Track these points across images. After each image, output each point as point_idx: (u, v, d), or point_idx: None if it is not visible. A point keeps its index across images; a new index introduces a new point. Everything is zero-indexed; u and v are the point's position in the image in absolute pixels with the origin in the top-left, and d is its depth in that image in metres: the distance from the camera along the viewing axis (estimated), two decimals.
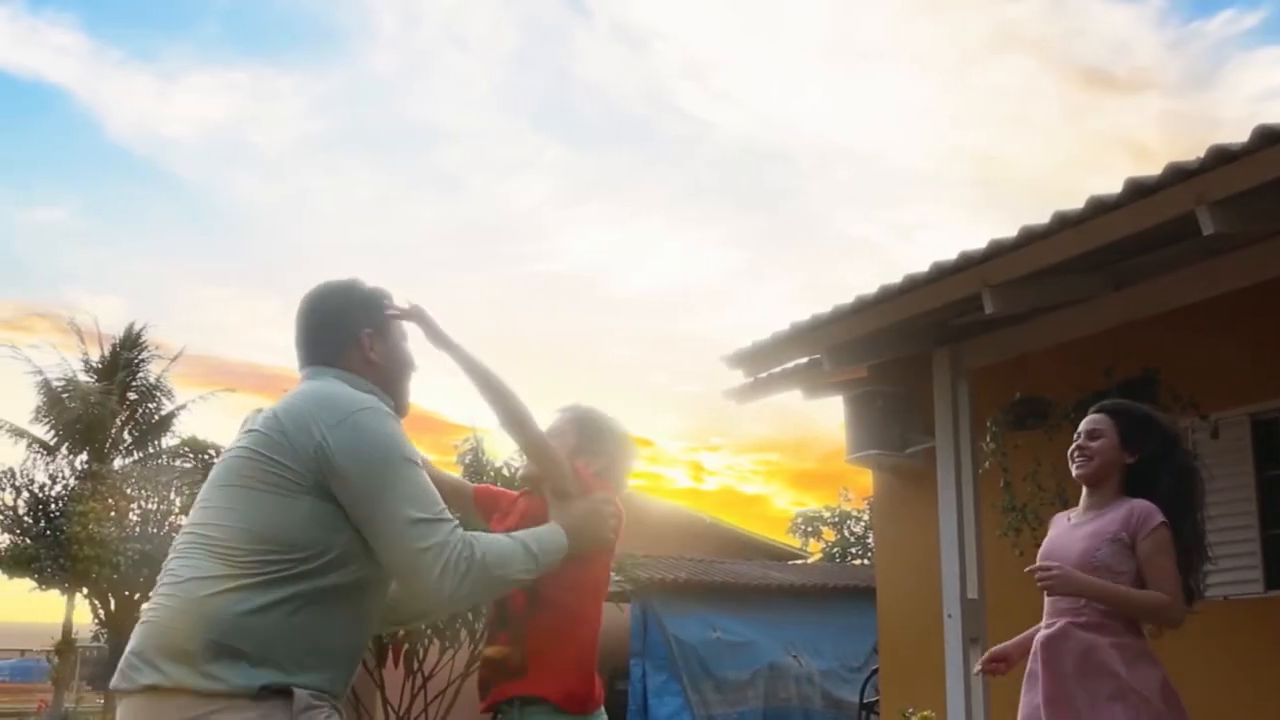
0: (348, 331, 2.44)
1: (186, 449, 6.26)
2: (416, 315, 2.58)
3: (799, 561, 23.25)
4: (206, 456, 5.95)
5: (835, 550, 30.93)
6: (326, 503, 2.16)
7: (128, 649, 2.16)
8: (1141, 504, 3.50)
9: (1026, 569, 3.50)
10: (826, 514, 32.55)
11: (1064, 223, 4.82)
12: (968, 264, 5.21)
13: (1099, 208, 4.69)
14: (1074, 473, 3.65)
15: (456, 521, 2.26)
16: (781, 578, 16.18)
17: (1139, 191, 4.56)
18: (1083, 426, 3.67)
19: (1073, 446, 3.66)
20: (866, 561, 26.76)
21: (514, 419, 2.66)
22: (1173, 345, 5.84)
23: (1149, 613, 3.45)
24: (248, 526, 2.14)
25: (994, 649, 3.86)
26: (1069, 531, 3.65)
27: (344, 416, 2.21)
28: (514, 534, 2.41)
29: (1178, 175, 4.42)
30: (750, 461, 66.68)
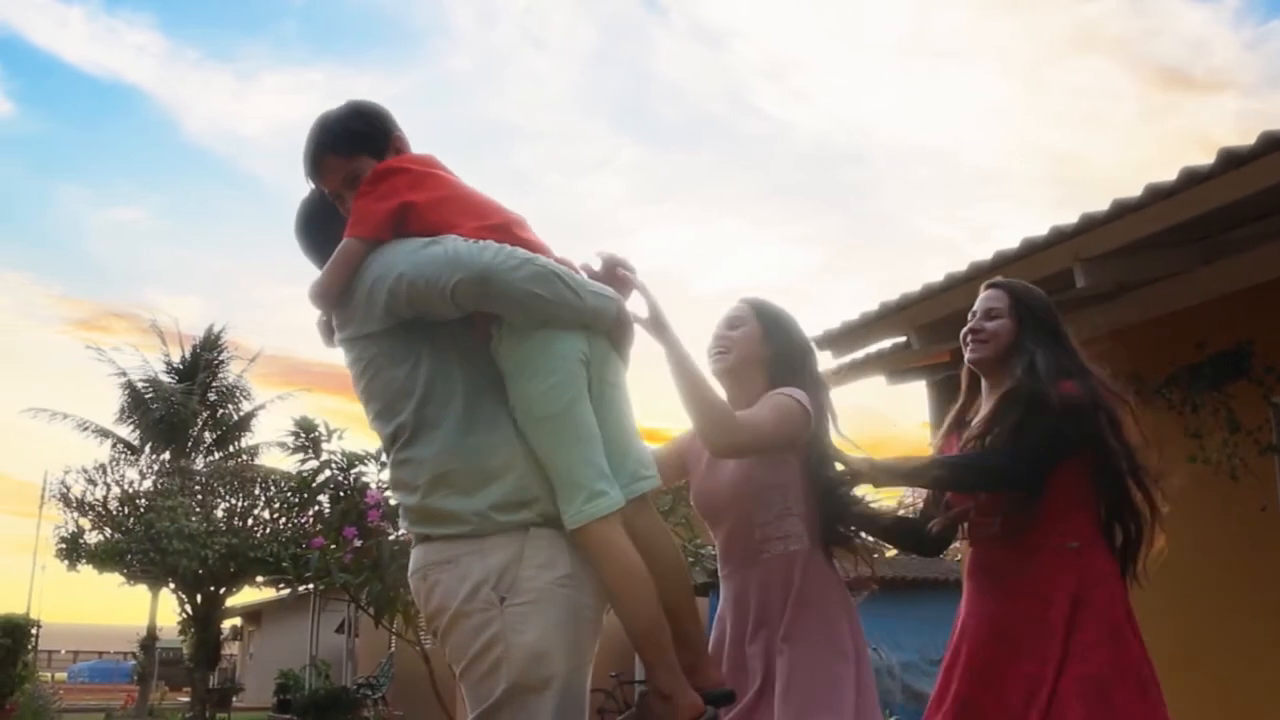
0: None
1: (299, 429, 6.48)
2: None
3: (876, 555, 23.12)
4: (314, 435, 6.16)
5: None
6: (394, 339, 2.41)
7: None
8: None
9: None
10: (900, 508, 32.38)
11: (1156, 195, 4.84)
12: (1059, 238, 5.25)
13: (1191, 179, 4.71)
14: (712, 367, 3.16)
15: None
16: (859, 570, 16.12)
17: (1232, 161, 4.58)
18: (726, 314, 3.22)
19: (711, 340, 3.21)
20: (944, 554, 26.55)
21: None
22: (1266, 317, 5.82)
23: (707, 411, 2.79)
24: (382, 409, 2.44)
25: None
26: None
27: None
28: None
29: (1272, 144, 4.43)
30: None
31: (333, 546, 6.09)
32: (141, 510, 20.37)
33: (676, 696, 2.38)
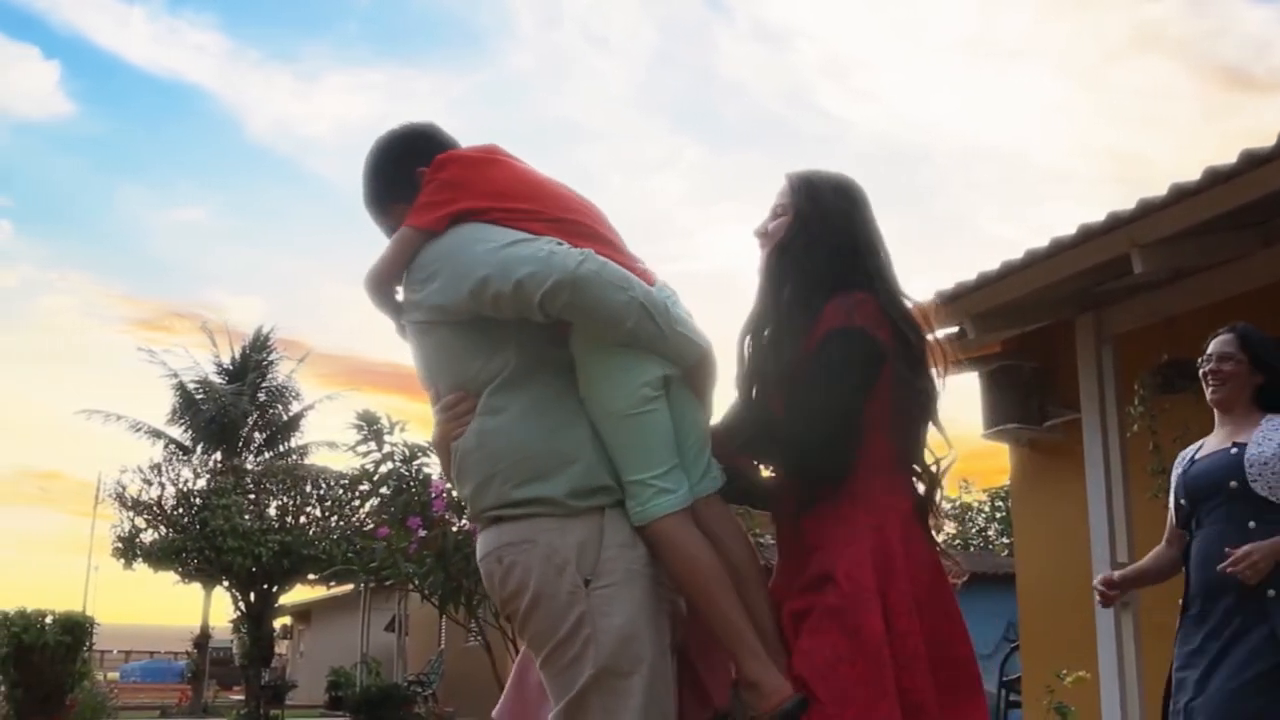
0: None
1: (361, 421, 6.55)
2: None
3: None
4: (376, 427, 6.26)
5: (957, 543, 30.65)
6: (472, 329, 2.34)
7: None
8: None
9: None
10: (946, 506, 32.24)
11: (1214, 178, 4.84)
12: (1116, 224, 5.24)
13: (1251, 161, 4.71)
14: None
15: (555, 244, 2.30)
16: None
17: None
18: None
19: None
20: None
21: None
22: None
23: None
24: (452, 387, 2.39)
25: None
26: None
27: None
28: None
29: None
30: None
31: (397, 536, 6.17)
32: (196, 509, 20.63)
33: (763, 682, 2.28)
